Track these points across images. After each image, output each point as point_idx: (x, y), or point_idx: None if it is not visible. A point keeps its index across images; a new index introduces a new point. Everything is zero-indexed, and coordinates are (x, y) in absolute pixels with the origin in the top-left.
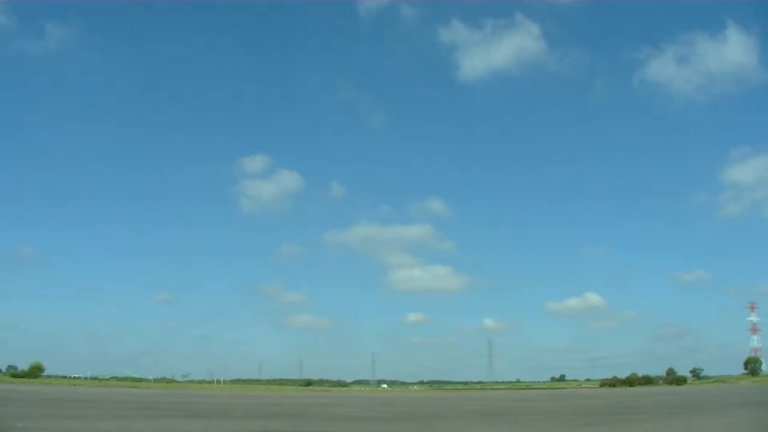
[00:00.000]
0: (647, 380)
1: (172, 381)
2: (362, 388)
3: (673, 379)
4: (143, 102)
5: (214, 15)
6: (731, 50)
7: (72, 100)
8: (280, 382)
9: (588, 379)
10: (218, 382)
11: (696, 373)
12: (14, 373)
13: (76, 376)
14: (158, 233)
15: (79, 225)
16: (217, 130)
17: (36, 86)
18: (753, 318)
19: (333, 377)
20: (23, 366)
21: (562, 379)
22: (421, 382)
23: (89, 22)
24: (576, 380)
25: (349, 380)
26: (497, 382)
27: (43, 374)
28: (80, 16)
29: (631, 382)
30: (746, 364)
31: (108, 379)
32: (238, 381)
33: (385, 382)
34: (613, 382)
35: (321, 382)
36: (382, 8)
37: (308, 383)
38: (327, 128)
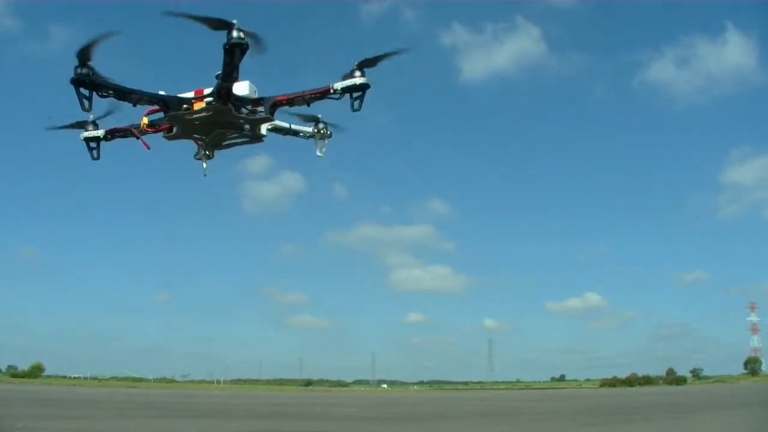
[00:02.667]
0: (647, 380)
1: (172, 381)
2: (362, 388)
3: (673, 379)
4: None
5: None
6: (731, 52)
7: (71, 100)
8: (280, 382)
9: (588, 379)
10: (218, 382)
11: (696, 373)
12: (14, 373)
13: (76, 376)
14: (160, 233)
15: (79, 226)
16: None
17: (37, 88)
18: (753, 318)
19: (333, 377)
20: (23, 366)
21: (562, 379)
22: (421, 382)
23: (91, 23)
24: (576, 380)
25: (349, 380)
26: (497, 382)
27: (43, 374)
28: (83, 18)
29: (631, 382)
30: (746, 364)
31: (108, 379)
32: (238, 381)
33: (385, 382)
34: (613, 382)
35: (321, 382)
36: (384, 11)
37: (308, 383)
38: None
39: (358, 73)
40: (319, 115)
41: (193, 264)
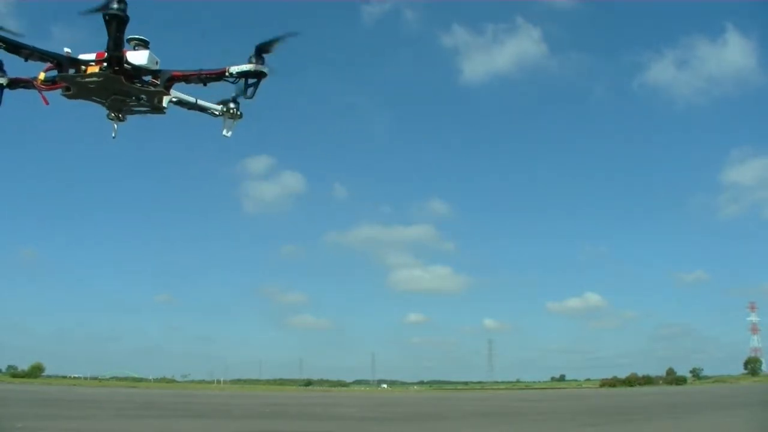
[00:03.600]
0: (647, 380)
1: (172, 381)
2: (362, 388)
3: (673, 379)
4: None
5: (217, 17)
6: (731, 53)
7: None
8: (280, 382)
9: (588, 379)
10: (218, 382)
11: (696, 373)
12: (14, 373)
13: (76, 376)
14: (160, 234)
15: (80, 225)
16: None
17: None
18: (753, 318)
19: (333, 377)
20: (23, 366)
21: (562, 379)
22: (421, 382)
23: (93, 24)
24: (576, 380)
25: (349, 380)
26: (497, 382)
27: (43, 374)
28: (85, 19)
29: (631, 382)
30: (746, 364)
31: (108, 379)
32: (238, 381)
33: (385, 382)
34: (613, 382)
35: (321, 382)
36: (385, 12)
37: (308, 383)
38: (330, 130)
39: (256, 60)
40: (233, 95)
41: (193, 264)
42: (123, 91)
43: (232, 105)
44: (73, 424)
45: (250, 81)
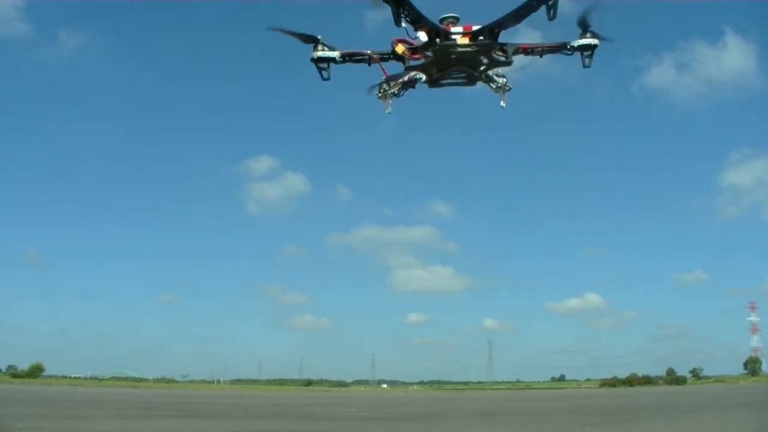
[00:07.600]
0: (647, 380)
1: (172, 381)
2: (362, 388)
3: (673, 379)
4: (150, 104)
5: (220, 18)
6: (730, 56)
7: (78, 103)
8: (280, 383)
9: (588, 379)
10: (218, 382)
11: (696, 373)
12: (14, 373)
13: (76, 376)
14: (163, 235)
15: (83, 226)
16: (223, 132)
17: (43, 90)
18: (753, 318)
19: (333, 377)
20: (23, 366)
21: (562, 379)
22: (421, 382)
23: (96, 26)
24: (576, 380)
25: (349, 380)
26: (497, 382)
27: (43, 374)
28: (89, 20)
29: (631, 382)
30: (746, 364)
31: (108, 379)
32: (238, 381)
33: (385, 382)
34: (613, 382)
35: (321, 382)
36: (387, 18)
37: (308, 383)
38: (333, 131)
39: (588, 34)
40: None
41: (194, 264)
42: (476, 61)
43: (504, 79)
44: (72, 424)
45: (586, 53)
